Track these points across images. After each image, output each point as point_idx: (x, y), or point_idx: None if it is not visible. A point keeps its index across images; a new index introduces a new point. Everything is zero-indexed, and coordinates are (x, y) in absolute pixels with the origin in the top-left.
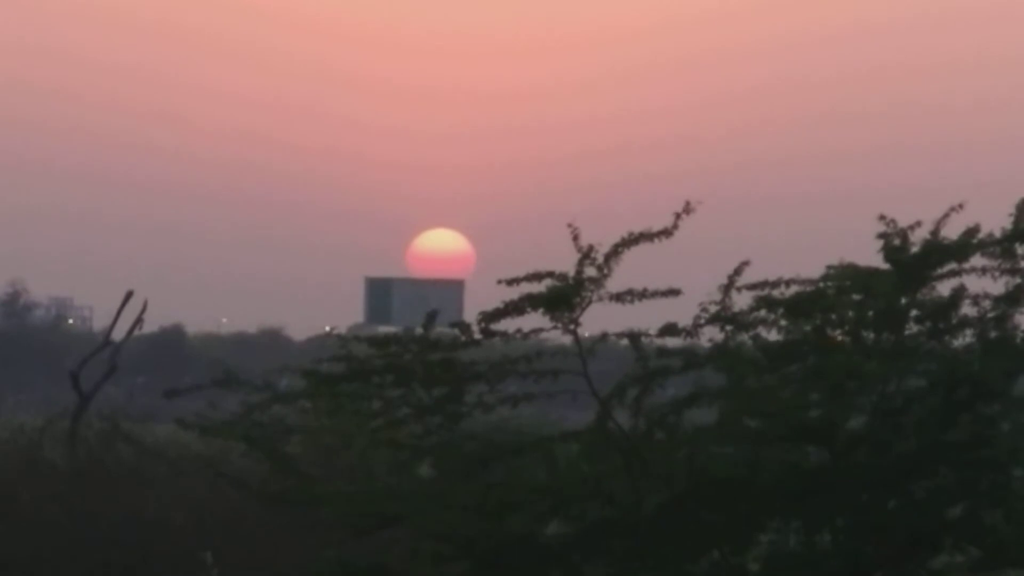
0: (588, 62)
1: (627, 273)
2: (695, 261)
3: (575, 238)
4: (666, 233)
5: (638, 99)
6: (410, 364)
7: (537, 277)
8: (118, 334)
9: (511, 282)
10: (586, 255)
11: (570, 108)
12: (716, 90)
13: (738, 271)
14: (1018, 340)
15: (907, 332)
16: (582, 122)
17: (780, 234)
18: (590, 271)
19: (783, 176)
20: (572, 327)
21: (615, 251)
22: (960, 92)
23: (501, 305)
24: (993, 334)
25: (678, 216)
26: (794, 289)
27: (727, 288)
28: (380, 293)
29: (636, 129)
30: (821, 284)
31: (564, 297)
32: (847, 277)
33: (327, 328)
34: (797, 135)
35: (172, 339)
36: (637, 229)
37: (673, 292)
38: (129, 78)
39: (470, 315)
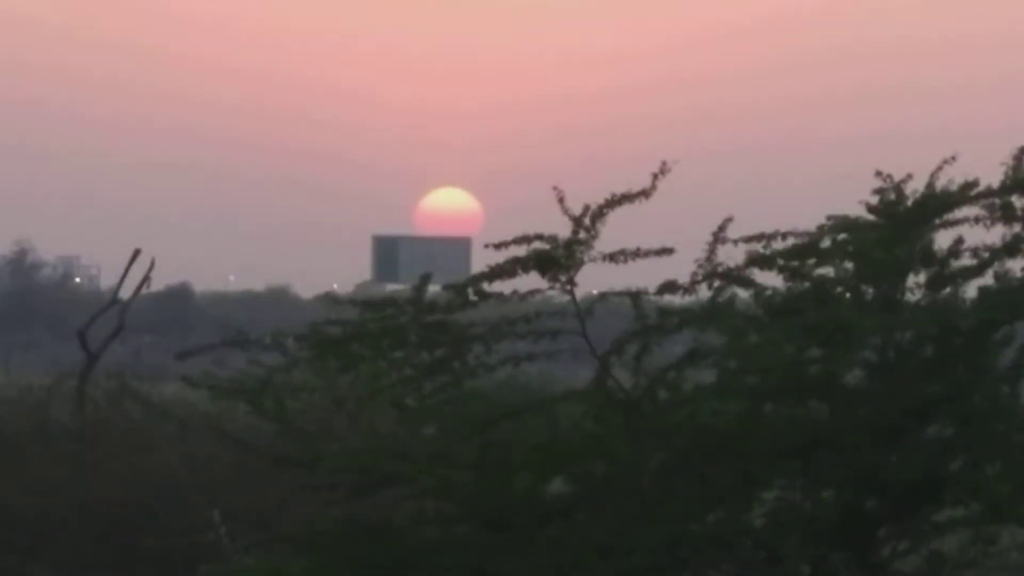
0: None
1: (633, 231)
2: (703, 216)
3: (560, 200)
4: (644, 194)
5: (658, 70)
6: (406, 327)
7: (526, 240)
8: (125, 293)
9: (499, 246)
10: (579, 219)
11: (583, 79)
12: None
13: (722, 227)
14: (1014, 288)
15: (906, 284)
16: (594, 93)
17: (782, 181)
18: (580, 234)
19: (787, 123)
20: (569, 287)
21: (600, 212)
22: (953, 31)
23: (488, 268)
24: (991, 284)
25: (655, 177)
26: (791, 241)
27: (713, 244)
28: (387, 251)
29: (653, 101)
30: (817, 237)
31: (551, 260)
32: (843, 230)
33: (334, 286)
34: (789, 78)
35: (179, 297)
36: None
37: (666, 251)
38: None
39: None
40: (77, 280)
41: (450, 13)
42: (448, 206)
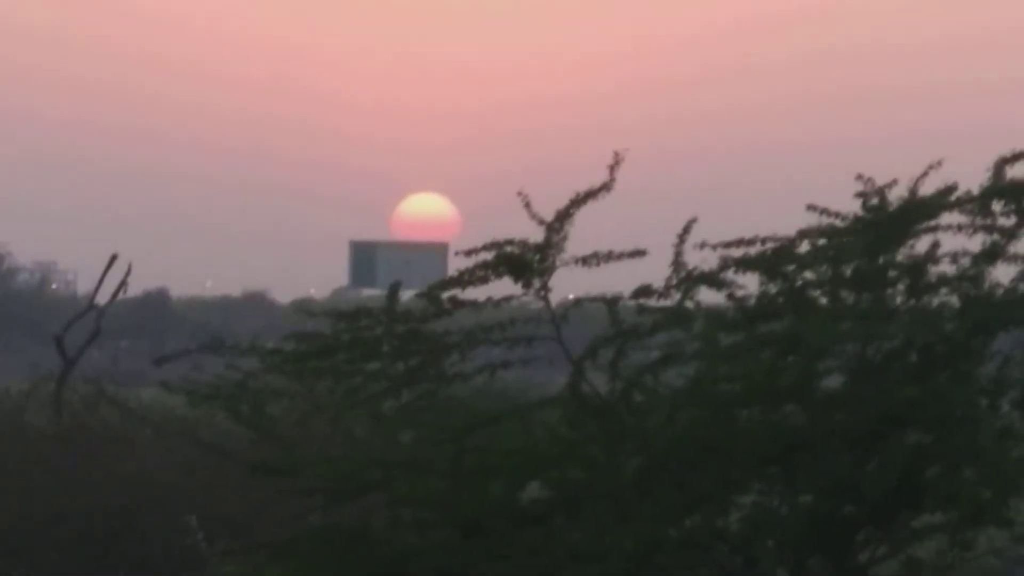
0: (580, 36)
1: (612, 235)
2: (681, 219)
3: (527, 206)
4: (605, 188)
5: (633, 76)
6: (378, 338)
7: (496, 246)
8: (102, 298)
9: (469, 253)
10: (551, 224)
11: (560, 83)
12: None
13: (687, 229)
14: (995, 297)
15: (886, 291)
16: (572, 96)
17: (756, 183)
18: (551, 236)
19: (759, 125)
20: (543, 293)
21: (567, 213)
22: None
23: (454, 275)
24: (971, 292)
25: (612, 168)
26: (769, 247)
27: (678, 246)
28: (364, 257)
29: (629, 105)
30: (796, 243)
31: (522, 264)
32: (822, 234)
33: (311, 291)
34: (768, 81)
35: (156, 302)
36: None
37: (639, 253)
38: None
39: None
40: (54, 286)
41: (426, 16)
42: (425, 212)
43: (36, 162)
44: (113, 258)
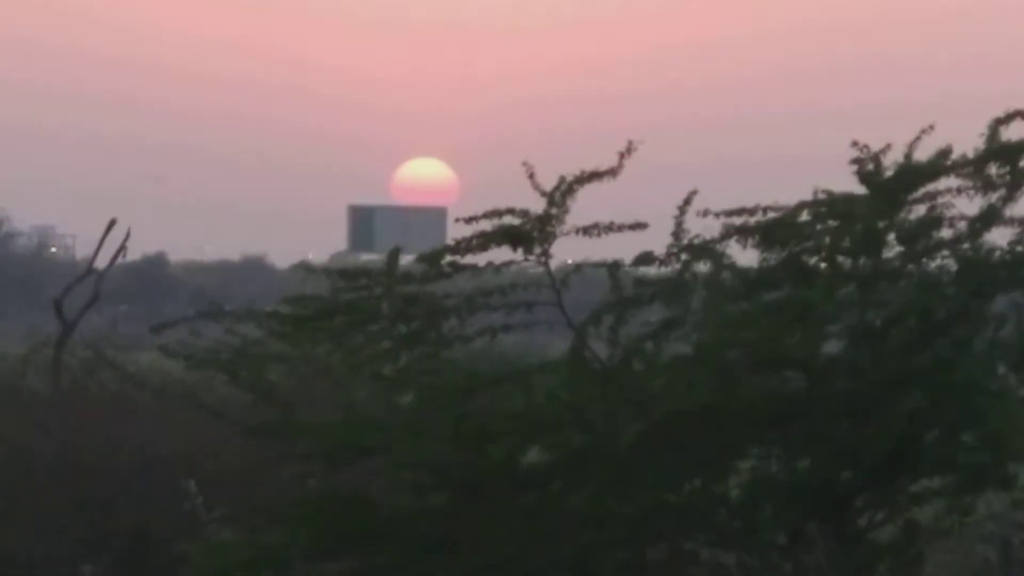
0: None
1: (614, 203)
2: (682, 190)
3: (531, 177)
4: (612, 172)
5: (629, 42)
6: (378, 300)
7: (496, 214)
8: (101, 262)
9: (469, 220)
10: (551, 194)
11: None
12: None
13: (688, 200)
14: (993, 260)
15: (885, 256)
16: (571, 61)
17: (758, 154)
18: (551, 209)
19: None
20: (543, 260)
21: (570, 188)
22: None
23: (452, 243)
24: (968, 255)
25: (621, 156)
26: (770, 215)
27: (679, 217)
28: (363, 221)
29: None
30: (796, 212)
31: (522, 235)
32: (822, 204)
33: (309, 255)
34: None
35: (155, 267)
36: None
37: (640, 225)
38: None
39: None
40: (53, 250)
41: None
42: (424, 176)
43: (33, 127)
44: (112, 222)
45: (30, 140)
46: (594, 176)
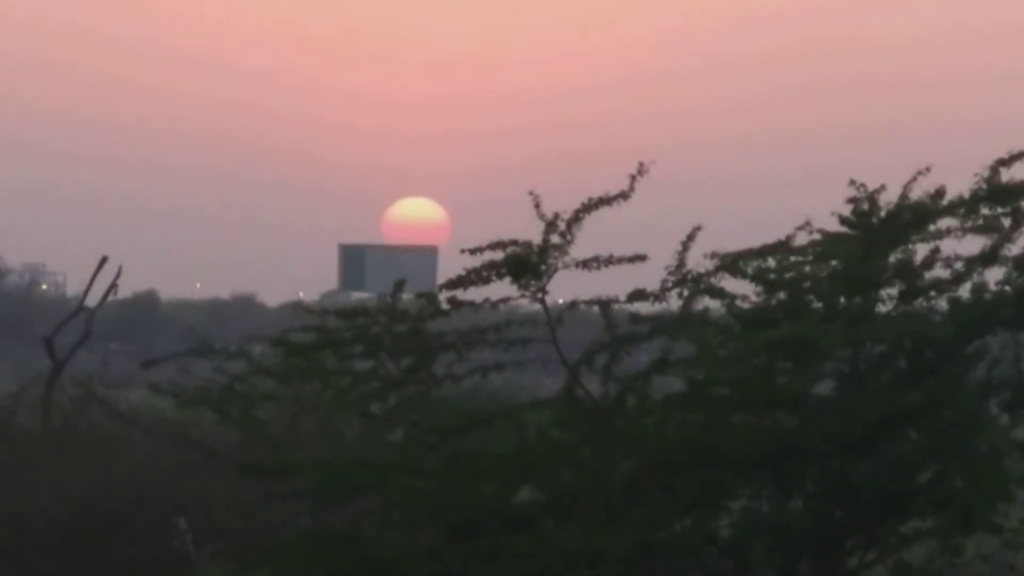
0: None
1: (603, 243)
2: (673, 232)
3: (536, 206)
4: (623, 196)
5: (620, 70)
6: (378, 335)
7: (501, 245)
8: (92, 300)
9: (474, 251)
10: (551, 223)
11: (549, 76)
12: (703, 58)
13: (691, 236)
14: (983, 299)
15: (878, 295)
16: (561, 91)
17: (751, 210)
18: (554, 239)
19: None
20: (540, 295)
21: (576, 217)
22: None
23: (463, 273)
24: (966, 296)
25: (633, 178)
26: (768, 261)
27: (682, 253)
28: (354, 260)
29: (613, 100)
30: (792, 256)
31: (526, 264)
32: (817, 244)
33: (300, 294)
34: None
35: (146, 305)
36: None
37: (639, 258)
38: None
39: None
40: (43, 287)
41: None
42: (415, 216)
43: (25, 162)
44: (103, 260)
45: (20, 176)
46: (603, 202)
